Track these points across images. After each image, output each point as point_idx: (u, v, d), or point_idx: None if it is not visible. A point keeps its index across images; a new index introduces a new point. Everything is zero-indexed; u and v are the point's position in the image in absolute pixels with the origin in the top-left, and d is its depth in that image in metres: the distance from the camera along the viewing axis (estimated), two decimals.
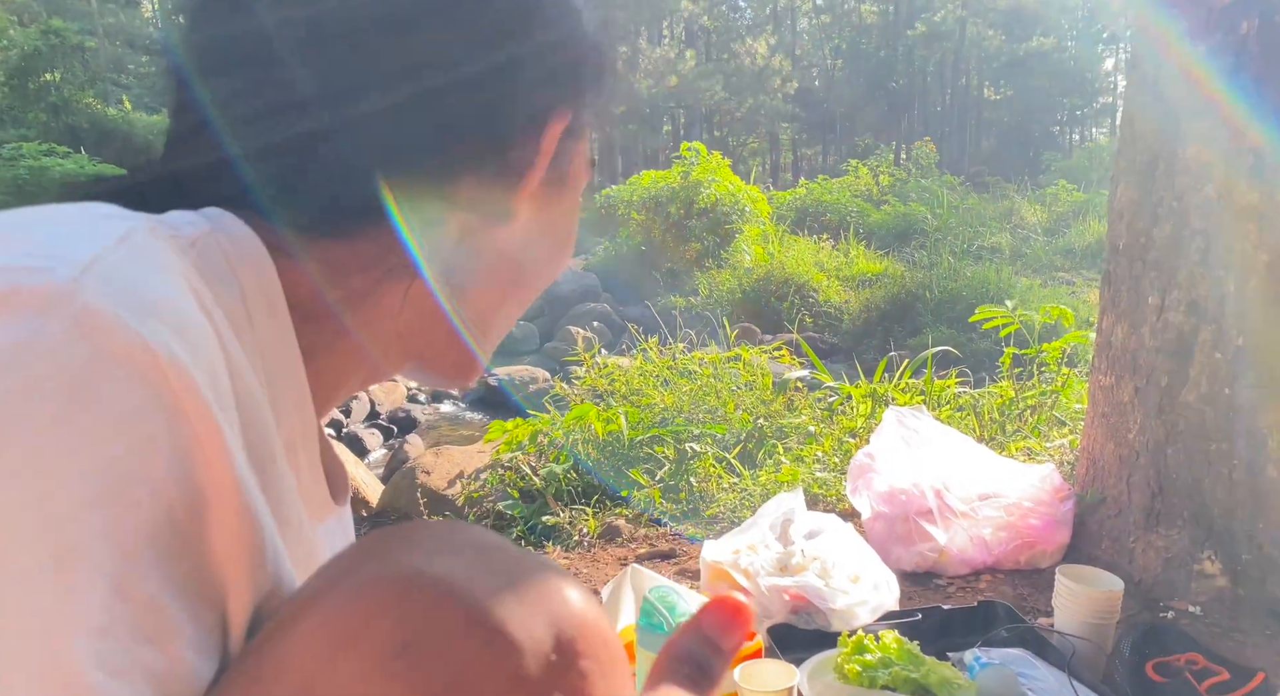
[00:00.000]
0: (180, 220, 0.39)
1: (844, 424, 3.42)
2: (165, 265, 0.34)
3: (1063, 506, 1.97)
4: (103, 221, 0.35)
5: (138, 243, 0.34)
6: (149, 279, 0.33)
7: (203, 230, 0.39)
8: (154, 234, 0.36)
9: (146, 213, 0.39)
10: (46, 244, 0.32)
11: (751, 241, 11.20)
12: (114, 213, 0.36)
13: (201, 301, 0.35)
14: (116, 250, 0.32)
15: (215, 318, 0.35)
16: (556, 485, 3.01)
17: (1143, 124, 1.97)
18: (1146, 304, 1.89)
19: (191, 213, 0.41)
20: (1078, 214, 13.91)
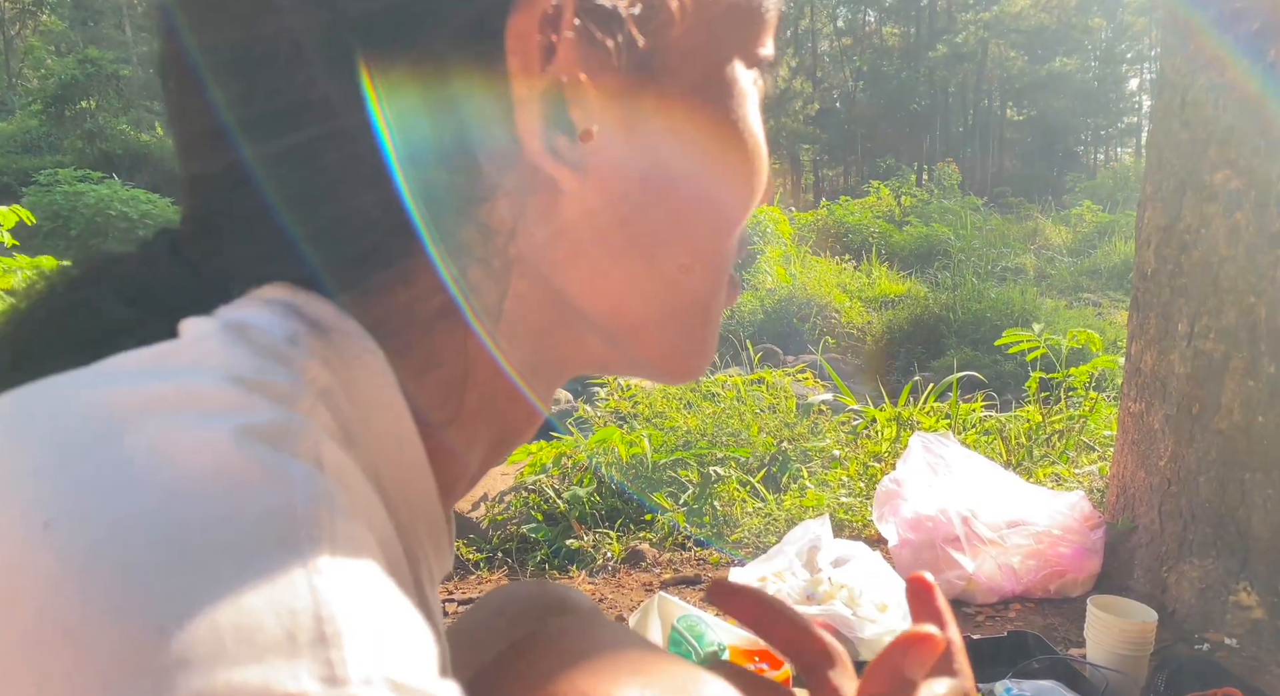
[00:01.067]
0: (271, 337, 0.30)
1: (869, 448, 3.40)
2: (372, 572, 0.25)
3: (1093, 534, 1.95)
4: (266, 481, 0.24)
5: (335, 535, 0.24)
6: (388, 618, 0.24)
7: (304, 347, 0.30)
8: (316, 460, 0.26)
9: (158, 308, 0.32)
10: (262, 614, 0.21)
11: (773, 262, 11.21)
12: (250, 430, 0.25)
13: (371, 521, 0.27)
14: (333, 584, 0.23)
15: (368, 506, 0.28)
16: (580, 508, 3.01)
17: (1169, 150, 1.96)
18: (1176, 331, 1.88)
19: (260, 309, 0.31)
20: (1103, 235, 13.80)
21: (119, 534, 0.22)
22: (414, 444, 0.33)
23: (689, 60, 0.35)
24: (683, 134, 0.35)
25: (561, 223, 0.34)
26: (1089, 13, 34.37)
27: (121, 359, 0.29)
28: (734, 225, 0.39)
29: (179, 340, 0.30)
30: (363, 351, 0.32)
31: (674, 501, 2.98)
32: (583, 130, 0.33)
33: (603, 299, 0.37)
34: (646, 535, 2.81)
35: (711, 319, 0.40)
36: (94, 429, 0.25)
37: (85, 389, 0.27)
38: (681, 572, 2.39)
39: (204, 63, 0.32)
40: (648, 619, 1.59)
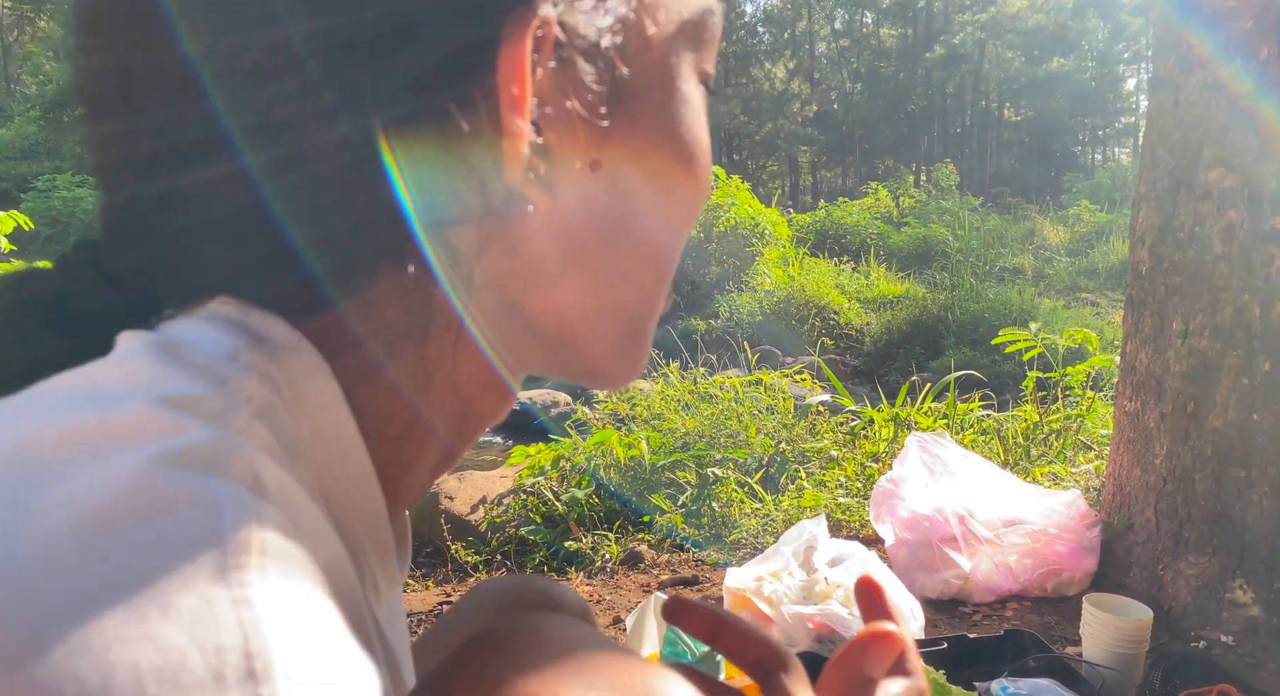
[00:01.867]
0: (207, 354, 0.29)
1: (866, 448, 3.40)
2: (311, 595, 0.24)
3: (1089, 533, 1.95)
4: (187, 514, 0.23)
5: (270, 562, 0.23)
6: (324, 651, 0.23)
7: (243, 363, 0.30)
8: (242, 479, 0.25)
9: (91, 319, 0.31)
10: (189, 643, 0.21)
11: (772, 264, 11.22)
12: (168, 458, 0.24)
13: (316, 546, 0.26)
14: (263, 616, 0.22)
15: (314, 529, 0.28)
16: (579, 510, 3.01)
17: (1164, 149, 1.97)
18: (1171, 329, 1.88)
19: (200, 325, 0.31)
20: (1101, 235, 13.82)
21: (31, 575, 0.21)
22: (361, 460, 0.33)
23: (654, 81, 0.36)
24: (643, 153, 0.36)
25: (529, 243, 0.35)
26: (1085, 14, 34.42)
27: (47, 385, 0.28)
28: (681, 237, 0.40)
29: (107, 360, 0.29)
30: (309, 367, 0.32)
31: (672, 503, 2.98)
32: (553, 150, 0.33)
33: (559, 315, 0.37)
34: (645, 536, 2.81)
35: (648, 331, 0.41)
36: (10, 470, 0.24)
37: (4, 425, 0.26)
38: (679, 573, 2.39)
39: (206, 73, 0.31)
40: (644, 620, 1.59)
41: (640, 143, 0.36)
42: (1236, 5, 1.80)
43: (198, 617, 0.21)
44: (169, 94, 0.32)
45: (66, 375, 0.28)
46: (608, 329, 0.39)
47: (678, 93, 0.37)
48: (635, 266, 0.38)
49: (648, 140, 0.36)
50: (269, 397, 0.29)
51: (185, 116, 0.31)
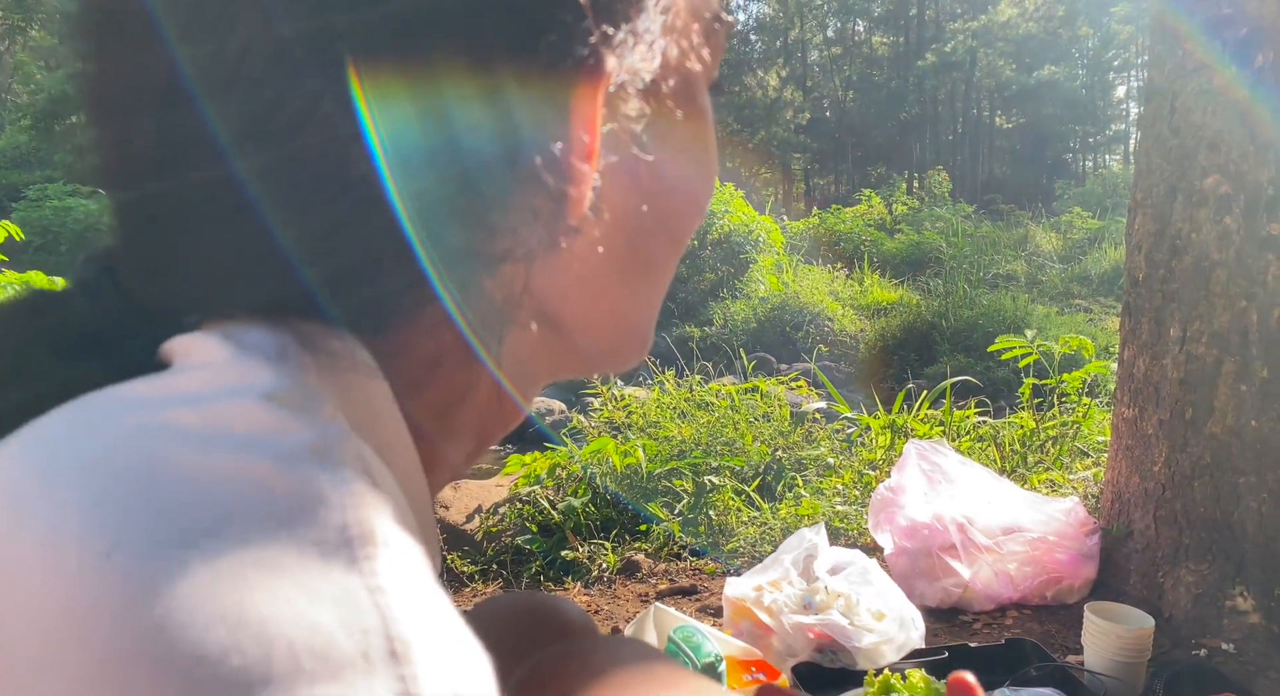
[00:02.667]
0: (264, 350, 0.30)
1: (863, 455, 3.40)
2: (435, 598, 0.26)
3: (1088, 540, 1.94)
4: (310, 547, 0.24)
5: (396, 571, 0.24)
6: (448, 632, 0.25)
7: (295, 360, 0.30)
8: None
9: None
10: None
11: (766, 271, 11.23)
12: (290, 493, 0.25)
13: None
14: (397, 601, 0.23)
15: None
16: (575, 519, 3.00)
17: (1159, 156, 1.97)
18: (1168, 336, 1.88)
19: (255, 326, 0.31)
20: (1093, 241, 13.88)
21: (184, 559, 0.22)
22: (410, 451, 0.34)
23: (680, 99, 0.37)
24: (670, 170, 0.37)
25: (569, 258, 0.36)
26: (1076, 21, 34.64)
27: (138, 386, 0.28)
28: (685, 241, 0.42)
29: (185, 358, 0.29)
30: (354, 361, 0.32)
31: (669, 511, 2.97)
32: (610, 185, 0.35)
33: (590, 327, 0.39)
34: (642, 545, 2.80)
35: (652, 324, 0.43)
36: (139, 458, 0.24)
37: (116, 418, 0.26)
38: (677, 583, 2.37)
39: (196, 73, 0.30)
40: (643, 630, 1.58)
41: (668, 160, 0.37)
42: (1231, 13, 1.81)
43: (340, 602, 0.23)
44: (197, 94, 0.31)
45: (153, 378, 0.28)
46: (631, 332, 0.41)
47: (699, 106, 0.38)
48: (661, 275, 0.40)
49: (673, 157, 0.37)
50: (327, 388, 0.30)
51: (224, 118, 0.30)
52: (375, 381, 0.32)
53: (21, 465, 0.25)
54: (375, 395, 0.32)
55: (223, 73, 0.30)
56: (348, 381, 0.31)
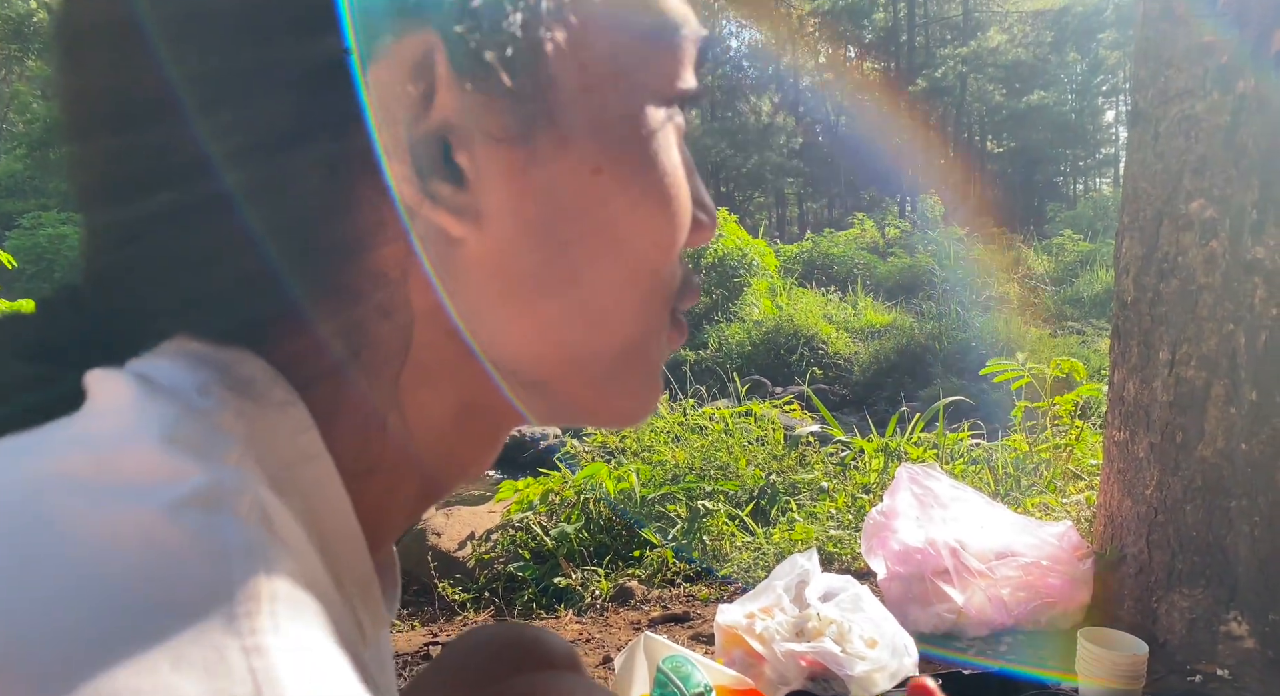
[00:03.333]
0: (180, 389, 0.29)
1: (857, 479, 3.39)
2: (321, 636, 0.24)
3: (1082, 565, 1.93)
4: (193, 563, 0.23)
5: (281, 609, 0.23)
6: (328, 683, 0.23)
7: (215, 397, 0.29)
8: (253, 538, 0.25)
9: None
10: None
11: (760, 294, 11.27)
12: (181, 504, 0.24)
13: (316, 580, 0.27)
14: (275, 664, 0.22)
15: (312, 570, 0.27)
16: (568, 545, 2.98)
17: (1144, 180, 1.99)
18: (1157, 358, 1.89)
19: (166, 360, 0.31)
20: (1085, 263, 13.96)
21: (43, 628, 0.21)
22: (339, 492, 0.32)
23: (585, 100, 0.33)
24: (584, 177, 0.34)
25: (460, 270, 0.33)
26: (1064, 48, 35.09)
27: (40, 431, 0.27)
28: (655, 265, 0.37)
29: (92, 399, 0.29)
30: (280, 399, 0.31)
31: (662, 536, 2.95)
32: (470, 177, 0.32)
33: (513, 347, 0.35)
34: (635, 571, 2.78)
35: (646, 363, 0.39)
36: (15, 513, 0.24)
37: (13, 465, 0.25)
38: (671, 609, 2.36)
39: (189, 93, 0.30)
40: (634, 659, 1.56)
41: (580, 166, 0.33)
42: (1212, 40, 1.84)
43: (209, 668, 0.21)
44: (129, 119, 0.31)
45: (58, 422, 0.28)
46: (586, 366, 0.37)
47: (625, 111, 0.35)
48: (598, 299, 0.36)
49: (589, 163, 0.33)
50: (245, 430, 0.29)
51: (132, 145, 0.31)
52: (300, 415, 0.31)
53: None
54: (292, 427, 0.31)
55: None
56: (269, 418, 0.30)
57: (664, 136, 0.36)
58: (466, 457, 0.39)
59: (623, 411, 0.40)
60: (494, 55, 0.31)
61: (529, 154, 0.32)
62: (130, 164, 0.32)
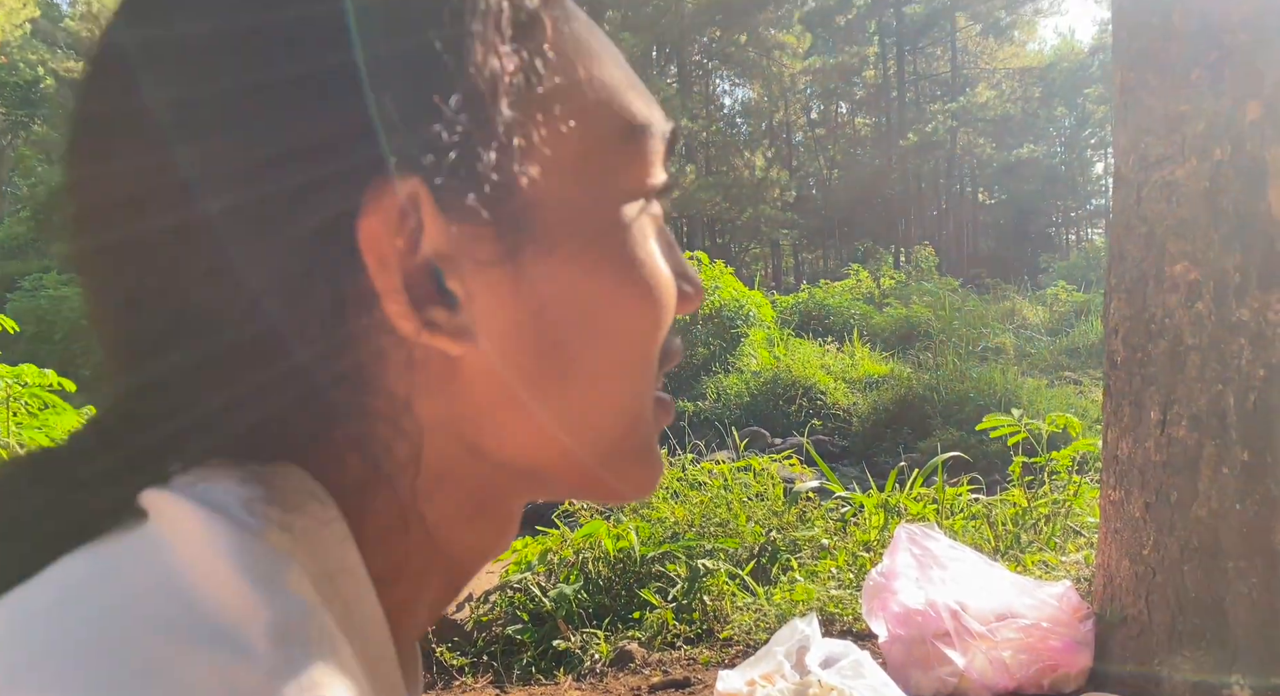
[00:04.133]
0: (238, 510, 0.31)
1: (858, 536, 3.38)
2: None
3: (1083, 626, 1.93)
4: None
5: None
6: None
7: (262, 515, 0.32)
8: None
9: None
10: None
11: (757, 345, 11.31)
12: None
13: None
14: None
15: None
16: (567, 607, 2.95)
17: (1129, 243, 2.04)
18: (1149, 418, 1.91)
19: (214, 475, 0.33)
20: (1079, 314, 14.06)
21: None
22: (374, 603, 0.34)
23: (562, 213, 0.36)
24: (568, 282, 0.36)
25: (461, 384, 0.35)
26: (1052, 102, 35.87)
27: (111, 558, 0.30)
28: (644, 352, 0.39)
29: (157, 523, 0.31)
30: (317, 512, 0.33)
31: (663, 597, 2.93)
32: (462, 299, 0.34)
33: (518, 448, 0.37)
34: (635, 633, 2.75)
35: (640, 442, 0.41)
36: (112, 647, 0.26)
37: (92, 598, 0.28)
38: (671, 674, 2.33)
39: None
40: None
41: (563, 273, 0.36)
42: (1189, 110, 1.90)
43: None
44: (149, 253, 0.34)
45: (120, 543, 0.30)
46: (587, 454, 0.39)
47: (600, 215, 0.37)
48: (592, 391, 0.38)
49: (571, 269, 0.36)
50: (291, 546, 0.31)
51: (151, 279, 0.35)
52: (340, 529, 0.33)
53: (3, 649, 0.26)
54: (332, 541, 0.33)
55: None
56: (310, 531, 0.32)
57: (640, 230, 0.39)
58: (487, 544, 0.41)
59: (628, 489, 0.41)
60: (474, 196, 0.33)
61: (515, 270, 0.35)
62: (149, 307, 0.34)
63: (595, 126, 0.37)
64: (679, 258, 0.43)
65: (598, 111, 0.38)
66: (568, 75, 0.37)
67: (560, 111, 0.36)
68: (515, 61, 0.35)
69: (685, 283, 0.42)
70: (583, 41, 0.38)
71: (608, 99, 0.38)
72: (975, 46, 36.53)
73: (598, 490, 0.41)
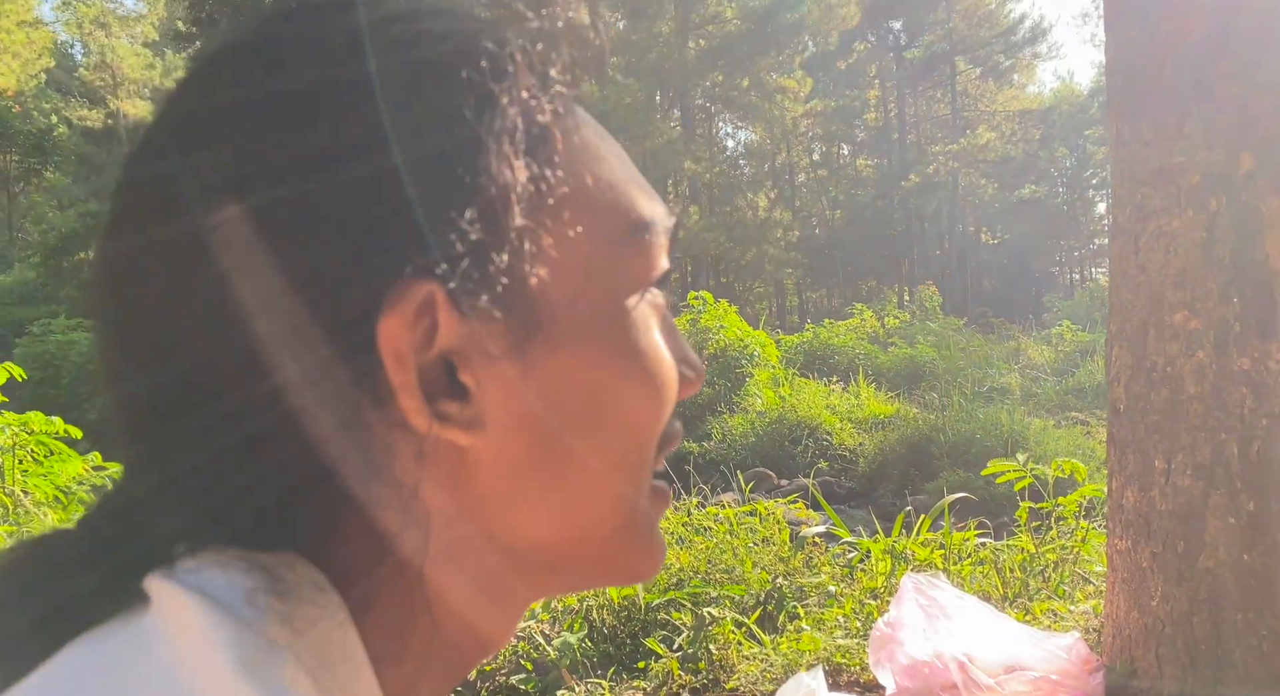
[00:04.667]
0: (235, 602, 0.33)
1: (864, 583, 3.35)
2: None
3: (1092, 679, 1.90)
4: None
5: None
6: None
7: (262, 607, 0.33)
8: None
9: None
10: None
11: (762, 385, 11.30)
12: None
13: None
14: None
15: None
16: (571, 655, 2.92)
17: (1128, 291, 2.05)
18: (1154, 467, 1.91)
19: (223, 570, 0.34)
20: (1085, 353, 14.04)
21: None
22: (373, 687, 0.35)
23: (569, 309, 0.37)
24: (573, 374, 0.37)
25: (468, 472, 0.37)
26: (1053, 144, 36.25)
27: (115, 654, 0.31)
28: (645, 439, 0.40)
29: (156, 613, 0.32)
30: (320, 601, 0.34)
31: (668, 646, 2.90)
32: (473, 391, 0.36)
33: (526, 536, 0.39)
34: (640, 684, 2.72)
35: (640, 529, 0.42)
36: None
37: (82, 687, 0.29)
38: None
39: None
40: None
41: (570, 364, 0.37)
42: (1184, 161, 1.93)
43: None
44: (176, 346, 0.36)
45: (119, 632, 0.31)
46: (591, 540, 0.40)
47: (605, 308, 0.39)
48: (597, 478, 0.39)
49: (577, 361, 0.37)
50: (290, 639, 0.32)
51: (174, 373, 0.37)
52: (343, 618, 0.34)
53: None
54: (333, 630, 0.34)
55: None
56: (311, 621, 0.33)
57: (643, 320, 0.40)
58: (491, 636, 0.42)
59: (631, 574, 0.43)
60: (486, 297, 0.35)
61: (524, 363, 0.36)
62: (169, 389, 0.36)
63: (601, 227, 0.39)
64: (681, 342, 0.44)
65: (604, 212, 0.40)
66: (576, 181, 0.39)
67: (568, 216, 0.38)
68: (527, 173, 0.37)
69: (687, 367, 0.44)
70: (591, 147, 0.41)
71: (613, 200, 0.40)
72: (975, 89, 37.03)
73: (603, 577, 0.43)
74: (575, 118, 0.40)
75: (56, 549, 0.38)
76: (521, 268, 0.37)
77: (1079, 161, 36.75)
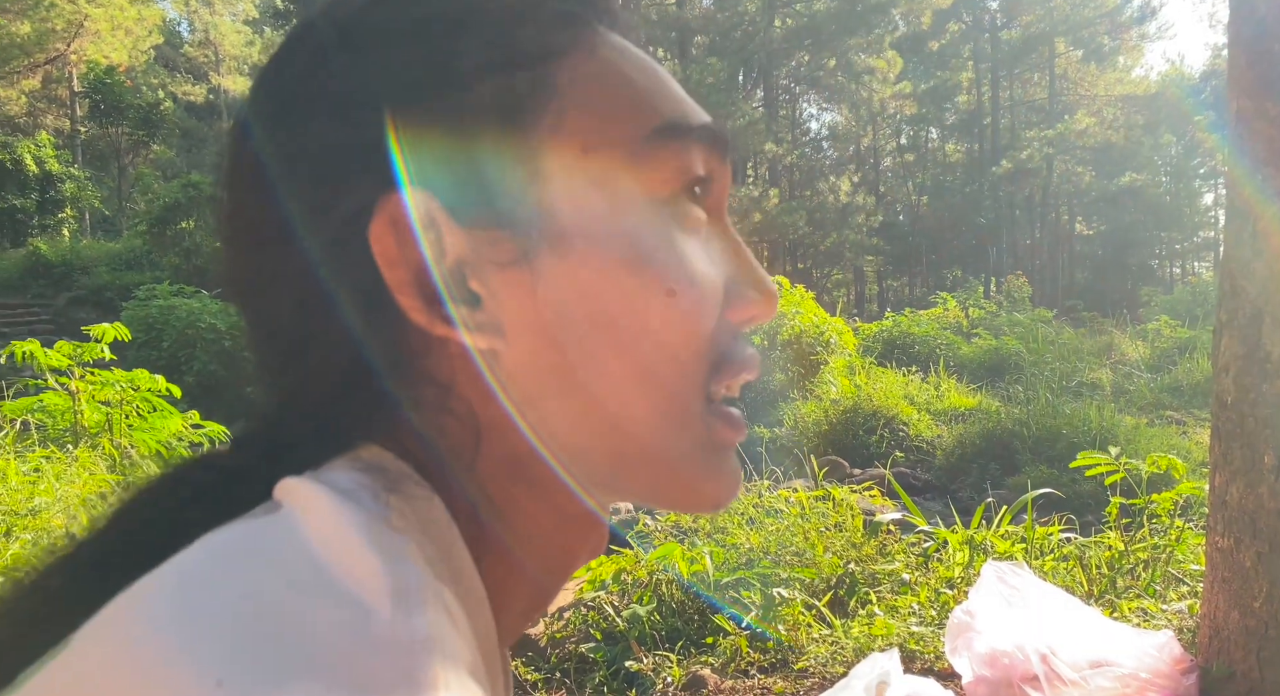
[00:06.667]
0: (362, 496, 0.35)
1: (940, 572, 3.27)
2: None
3: (1185, 679, 1.83)
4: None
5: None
6: None
7: (383, 502, 0.35)
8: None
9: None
10: None
11: (837, 372, 11.12)
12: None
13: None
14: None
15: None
16: (640, 628, 2.95)
17: (1242, 277, 1.94)
18: (1262, 463, 1.81)
19: (347, 470, 0.37)
20: (1183, 350, 13.36)
21: (288, 692, 0.26)
22: (479, 590, 0.36)
23: (576, 218, 0.38)
24: (585, 282, 0.38)
25: (506, 375, 0.38)
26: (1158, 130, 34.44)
27: (255, 532, 0.33)
28: (673, 355, 0.39)
29: (292, 505, 0.34)
30: (421, 494, 0.36)
31: (736, 624, 2.90)
32: (485, 297, 0.37)
33: (566, 442, 0.39)
34: (708, 659, 2.73)
35: (692, 449, 0.41)
36: (256, 604, 0.29)
37: (238, 565, 0.31)
38: None
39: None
40: None
41: (580, 273, 0.37)
42: None
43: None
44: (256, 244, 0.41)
45: (254, 527, 0.34)
46: (632, 454, 0.40)
47: (615, 218, 0.38)
48: (620, 388, 0.38)
49: (587, 270, 0.38)
50: (406, 525, 0.34)
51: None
52: (443, 514, 0.37)
53: (160, 598, 0.30)
54: (438, 520, 0.36)
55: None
56: (420, 512, 0.36)
57: (662, 231, 0.39)
58: (571, 544, 0.42)
59: (697, 498, 0.42)
60: (486, 206, 0.37)
61: (532, 271, 0.37)
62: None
63: (612, 137, 0.39)
64: (746, 262, 0.43)
65: (616, 123, 0.39)
66: (583, 93, 0.39)
67: (572, 125, 0.39)
68: (527, 83, 0.38)
69: (750, 289, 0.42)
70: (606, 61, 0.40)
71: (627, 110, 0.40)
72: (1075, 72, 35.40)
73: (664, 497, 0.42)
74: (595, 37, 0.41)
75: (212, 460, 0.42)
76: (520, 176, 0.38)
77: (1186, 149, 34.84)
